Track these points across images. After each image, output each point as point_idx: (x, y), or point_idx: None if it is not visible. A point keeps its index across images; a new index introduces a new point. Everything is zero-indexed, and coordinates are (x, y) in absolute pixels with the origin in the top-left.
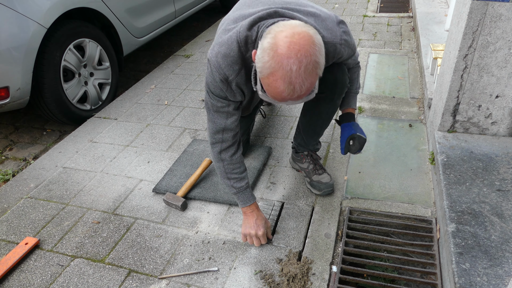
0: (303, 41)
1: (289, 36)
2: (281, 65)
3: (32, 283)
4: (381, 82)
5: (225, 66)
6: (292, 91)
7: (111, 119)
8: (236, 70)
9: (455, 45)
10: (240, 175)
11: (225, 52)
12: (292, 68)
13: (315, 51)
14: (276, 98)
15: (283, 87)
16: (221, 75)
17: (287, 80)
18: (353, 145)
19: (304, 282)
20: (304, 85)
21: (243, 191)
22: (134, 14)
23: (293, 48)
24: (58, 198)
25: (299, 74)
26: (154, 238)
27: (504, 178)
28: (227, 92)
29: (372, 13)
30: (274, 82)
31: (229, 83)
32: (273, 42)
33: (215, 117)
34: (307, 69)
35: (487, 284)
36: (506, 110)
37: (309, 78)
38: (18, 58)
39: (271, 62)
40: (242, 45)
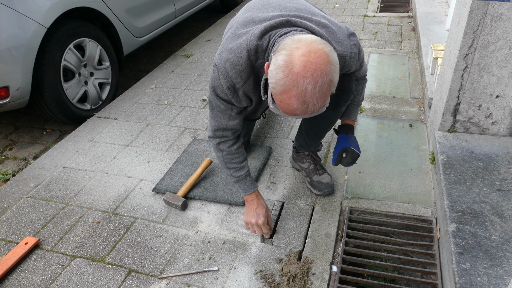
0: (320, 60)
1: (305, 54)
2: (296, 84)
3: (32, 282)
4: (381, 82)
5: (233, 74)
6: (306, 109)
7: (111, 118)
8: (244, 79)
9: (456, 45)
10: (239, 164)
11: (233, 60)
12: (307, 88)
13: (331, 70)
14: (287, 113)
15: (296, 105)
16: (229, 83)
17: (301, 99)
18: (345, 157)
19: (304, 282)
20: (318, 104)
21: (242, 179)
22: (134, 14)
23: (309, 68)
24: (58, 198)
25: (313, 94)
26: (154, 237)
27: (504, 178)
28: (232, 98)
29: (373, 13)
30: (288, 99)
31: (236, 90)
32: (289, 60)
33: (218, 116)
34: (322, 88)
35: (487, 284)
36: (507, 110)
37: (323, 96)
38: (18, 57)
39: (285, 80)
40: (252, 54)
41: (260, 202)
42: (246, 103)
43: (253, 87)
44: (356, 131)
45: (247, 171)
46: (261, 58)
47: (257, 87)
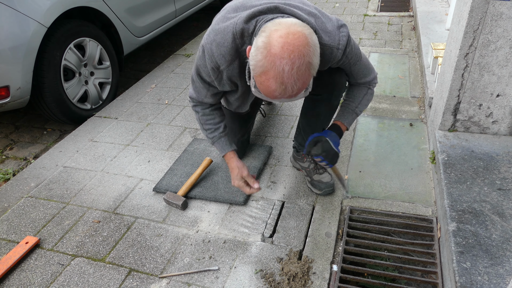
0: (298, 41)
1: (283, 36)
2: (273, 65)
3: (32, 282)
4: (381, 81)
5: (218, 55)
6: (284, 91)
7: (111, 118)
8: (228, 61)
9: (456, 44)
10: (214, 125)
11: (219, 41)
12: (284, 69)
13: (309, 52)
14: (268, 96)
15: (275, 86)
16: (213, 63)
17: (279, 80)
18: (315, 146)
19: (304, 281)
20: (296, 85)
21: (217, 140)
22: (135, 14)
23: (287, 49)
24: (59, 197)
25: (291, 75)
26: (154, 237)
27: (505, 177)
28: (216, 80)
29: (373, 12)
30: (266, 81)
31: (220, 72)
32: (267, 41)
33: (197, 89)
34: (300, 70)
35: (488, 283)
36: (507, 109)
37: (302, 78)
38: (19, 57)
39: (263, 61)
40: (237, 37)
41: (233, 166)
42: (230, 87)
43: (238, 72)
44: (356, 130)
45: (221, 131)
46: (247, 43)
47: (243, 72)
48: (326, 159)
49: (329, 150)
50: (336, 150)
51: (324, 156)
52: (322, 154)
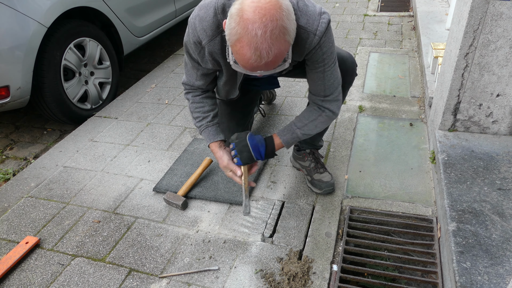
0: (269, 5)
1: (255, 1)
2: (246, 31)
3: (32, 282)
4: (381, 81)
5: (200, 29)
6: (259, 58)
7: (111, 118)
8: (209, 36)
9: (456, 44)
10: (202, 114)
11: (202, 16)
12: (257, 33)
13: (282, 16)
14: (245, 66)
15: (249, 53)
16: (195, 38)
17: (253, 45)
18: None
19: (304, 281)
20: (272, 51)
21: (204, 129)
22: (135, 13)
23: (258, 13)
24: (59, 197)
25: (264, 39)
26: (154, 237)
27: (505, 177)
28: (199, 56)
29: (373, 12)
30: (241, 49)
31: (202, 48)
32: (240, 8)
33: (189, 73)
34: (273, 33)
35: (488, 283)
36: (507, 109)
37: (276, 43)
38: (19, 57)
39: (237, 28)
40: (219, 12)
41: (218, 156)
42: (212, 65)
43: (219, 48)
44: (356, 130)
45: (209, 121)
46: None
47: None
48: (237, 147)
49: (241, 139)
50: (248, 143)
51: (236, 144)
52: (235, 141)
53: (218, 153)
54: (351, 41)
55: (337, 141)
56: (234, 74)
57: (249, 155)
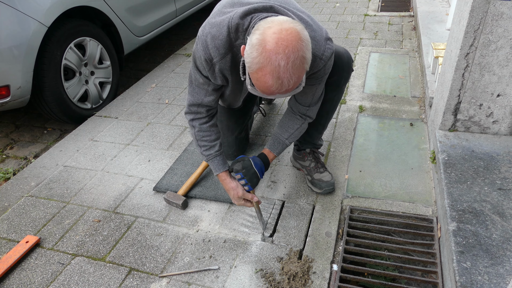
0: (291, 37)
1: (277, 32)
2: (269, 61)
3: (32, 281)
4: (382, 81)
5: (212, 47)
6: (280, 86)
7: (111, 118)
8: (222, 54)
9: (457, 44)
10: (210, 142)
11: (214, 34)
12: (280, 64)
13: (302, 46)
14: (264, 92)
15: (271, 81)
16: (207, 55)
17: (276, 75)
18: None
19: (304, 280)
20: (292, 80)
21: (212, 159)
22: (135, 13)
23: (281, 44)
24: (59, 197)
25: (287, 69)
26: (154, 236)
27: (505, 177)
28: (209, 72)
29: (373, 12)
30: (263, 77)
31: (213, 65)
32: (262, 38)
33: (196, 91)
34: (295, 64)
35: (488, 283)
36: (508, 109)
37: (297, 72)
38: (19, 56)
39: (259, 58)
40: (232, 32)
41: (227, 188)
42: (221, 81)
43: (229, 66)
44: (356, 130)
45: (217, 151)
46: (240, 38)
47: (235, 67)
48: (246, 177)
49: (248, 167)
50: (256, 170)
51: (244, 174)
52: (242, 171)
53: (231, 183)
54: (351, 41)
55: (338, 141)
56: (240, 88)
57: (258, 180)
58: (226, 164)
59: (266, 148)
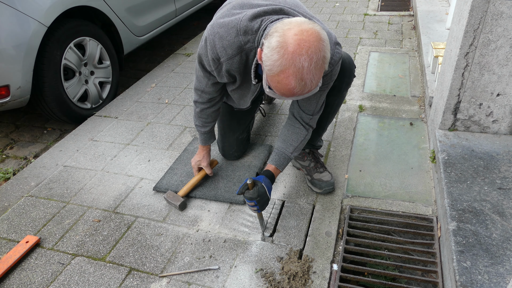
0: (312, 37)
1: (298, 33)
2: (293, 63)
3: (33, 281)
4: (382, 81)
5: (219, 47)
6: (303, 87)
7: (111, 117)
8: (229, 55)
9: (456, 43)
10: (206, 123)
11: (222, 35)
12: (303, 65)
13: (323, 46)
14: (284, 94)
15: (294, 83)
16: (214, 55)
17: (299, 76)
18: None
19: (305, 280)
20: (314, 80)
21: (202, 134)
22: (135, 13)
23: (304, 46)
24: (59, 197)
25: (309, 70)
26: (154, 236)
27: (505, 176)
28: (215, 70)
29: (373, 12)
30: (285, 79)
31: (220, 64)
32: (282, 41)
33: (199, 79)
34: (317, 64)
35: (488, 282)
36: (507, 108)
37: (318, 73)
38: (19, 56)
39: (281, 60)
40: (240, 33)
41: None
42: (227, 80)
43: (237, 67)
44: (356, 129)
45: (208, 130)
46: (251, 41)
47: (243, 69)
48: (259, 204)
49: (263, 195)
50: (269, 196)
51: (257, 201)
52: (256, 199)
53: (201, 156)
54: (351, 41)
55: (337, 141)
56: (248, 88)
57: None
58: (210, 140)
59: (273, 165)
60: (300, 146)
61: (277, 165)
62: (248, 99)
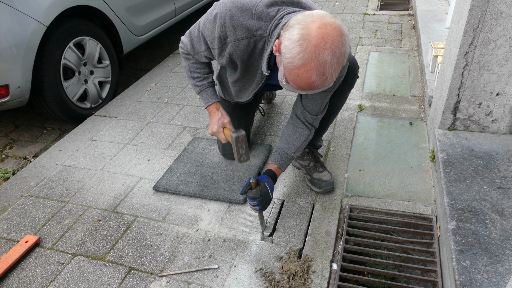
0: (335, 32)
1: (321, 27)
2: (315, 56)
3: (32, 281)
4: (381, 80)
5: (229, 26)
6: (324, 81)
7: (111, 117)
8: (238, 36)
9: (456, 43)
10: (203, 75)
11: (235, 14)
12: (326, 59)
13: (344, 41)
14: (303, 87)
15: (315, 77)
16: (222, 33)
17: (321, 70)
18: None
19: (304, 279)
20: (334, 75)
21: (205, 89)
22: (134, 12)
23: (328, 40)
24: (58, 196)
25: (331, 65)
26: (154, 236)
27: (504, 175)
28: (217, 49)
29: (373, 11)
30: (306, 72)
31: (225, 44)
32: (305, 33)
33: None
34: (339, 59)
35: (487, 282)
36: (507, 107)
37: (338, 68)
38: (18, 56)
39: (304, 53)
40: (254, 17)
41: (216, 113)
42: (227, 63)
43: (242, 51)
44: (356, 129)
45: (210, 82)
46: (262, 29)
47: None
48: (261, 203)
49: (265, 195)
50: (271, 196)
51: (260, 201)
52: (259, 199)
53: (214, 114)
54: (351, 40)
55: (337, 140)
56: (251, 79)
57: (270, 200)
58: (217, 96)
59: (275, 165)
60: (302, 146)
61: (280, 165)
62: (250, 91)
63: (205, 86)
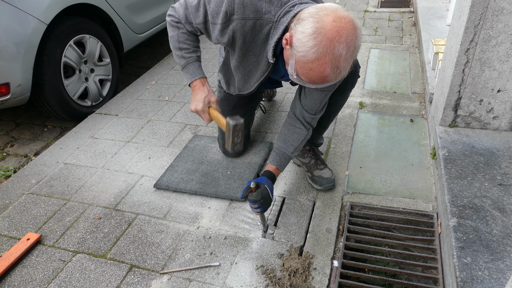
0: (349, 25)
1: (336, 20)
2: (331, 50)
3: (34, 278)
4: (382, 77)
5: (239, 2)
6: (337, 75)
7: (112, 115)
8: (245, 15)
9: (457, 40)
10: (192, 47)
11: None
12: (341, 53)
13: (358, 35)
14: (315, 81)
15: (329, 71)
16: (229, 8)
17: (335, 64)
18: (254, 193)
19: (305, 276)
20: (347, 68)
21: (192, 62)
22: (135, 10)
23: (343, 33)
24: (60, 194)
25: (346, 59)
26: (155, 233)
27: (505, 172)
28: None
29: (373, 8)
30: (320, 66)
31: (229, 21)
32: (320, 26)
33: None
34: (353, 53)
35: (488, 278)
36: (508, 104)
37: (351, 61)
38: (19, 54)
39: (318, 47)
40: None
41: (202, 89)
42: (227, 41)
43: (246, 31)
44: (357, 126)
45: (199, 56)
46: (272, 13)
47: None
48: (262, 206)
49: (266, 197)
50: (272, 198)
51: (261, 203)
52: (260, 201)
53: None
54: None
55: (338, 137)
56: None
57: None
58: (203, 72)
59: (273, 166)
60: (301, 146)
61: (278, 166)
62: (253, 81)
63: (193, 59)
